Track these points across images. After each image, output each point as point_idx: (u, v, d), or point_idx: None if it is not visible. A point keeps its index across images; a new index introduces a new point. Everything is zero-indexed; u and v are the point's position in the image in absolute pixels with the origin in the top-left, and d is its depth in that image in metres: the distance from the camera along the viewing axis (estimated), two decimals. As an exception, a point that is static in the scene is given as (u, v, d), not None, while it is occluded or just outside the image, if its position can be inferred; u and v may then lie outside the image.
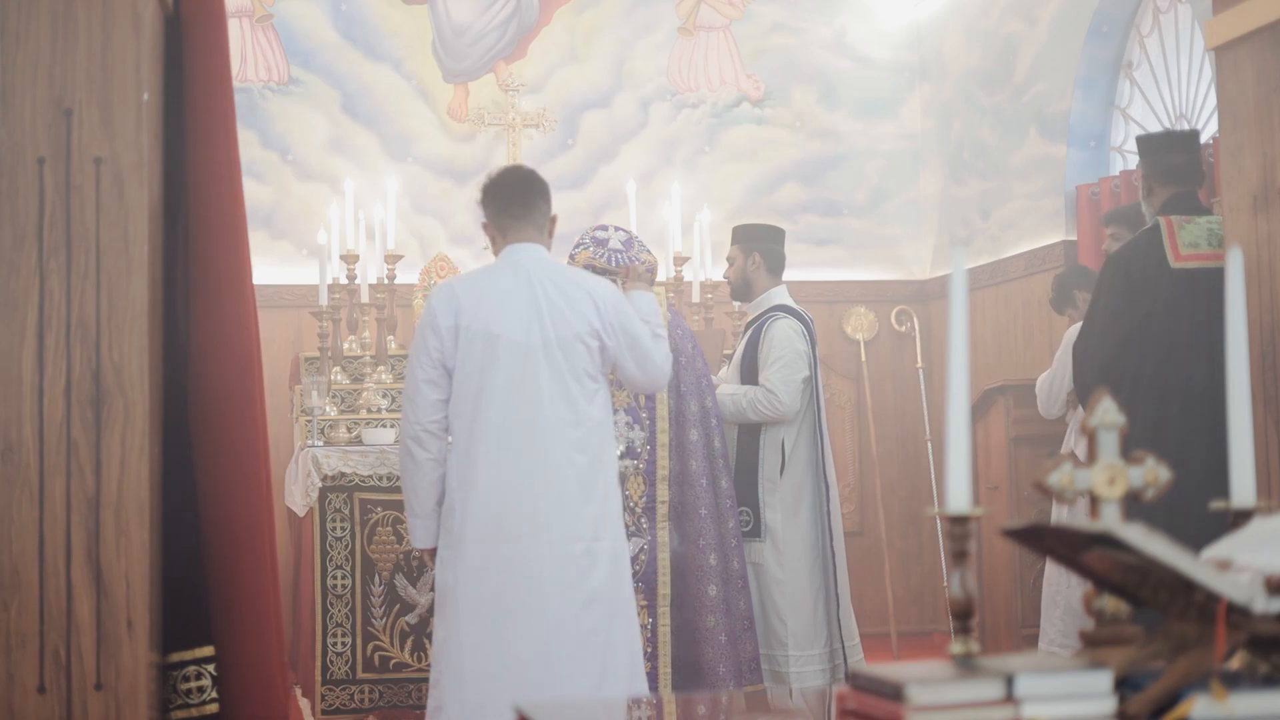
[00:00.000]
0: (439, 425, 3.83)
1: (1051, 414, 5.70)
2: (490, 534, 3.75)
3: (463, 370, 3.79)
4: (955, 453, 1.63)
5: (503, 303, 3.82)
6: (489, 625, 3.73)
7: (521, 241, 3.93)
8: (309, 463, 5.49)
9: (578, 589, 3.77)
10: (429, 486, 3.84)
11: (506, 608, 3.73)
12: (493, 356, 3.78)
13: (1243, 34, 4.12)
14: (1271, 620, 1.57)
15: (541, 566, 3.74)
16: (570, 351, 3.82)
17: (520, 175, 4.03)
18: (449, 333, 3.78)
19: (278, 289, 7.29)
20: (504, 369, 3.78)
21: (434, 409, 3.81)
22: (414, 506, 3.88)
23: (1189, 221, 4.52)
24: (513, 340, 3.78)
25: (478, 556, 3.75)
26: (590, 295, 3.90)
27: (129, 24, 3.19)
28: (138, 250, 3.17)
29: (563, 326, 3.82)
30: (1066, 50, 6.85)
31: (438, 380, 3.80)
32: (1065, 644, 5.37)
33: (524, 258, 3.90)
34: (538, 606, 3.73)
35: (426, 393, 3.80)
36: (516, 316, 3.80)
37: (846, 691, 1.58)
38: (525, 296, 3.82)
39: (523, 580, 3.73)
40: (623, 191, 7.16)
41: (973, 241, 7.65)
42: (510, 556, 3.74)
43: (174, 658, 3.34)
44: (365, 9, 7.74)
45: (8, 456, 3.08)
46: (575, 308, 3.85)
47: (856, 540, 7.54)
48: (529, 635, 3.72)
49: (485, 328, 3.78)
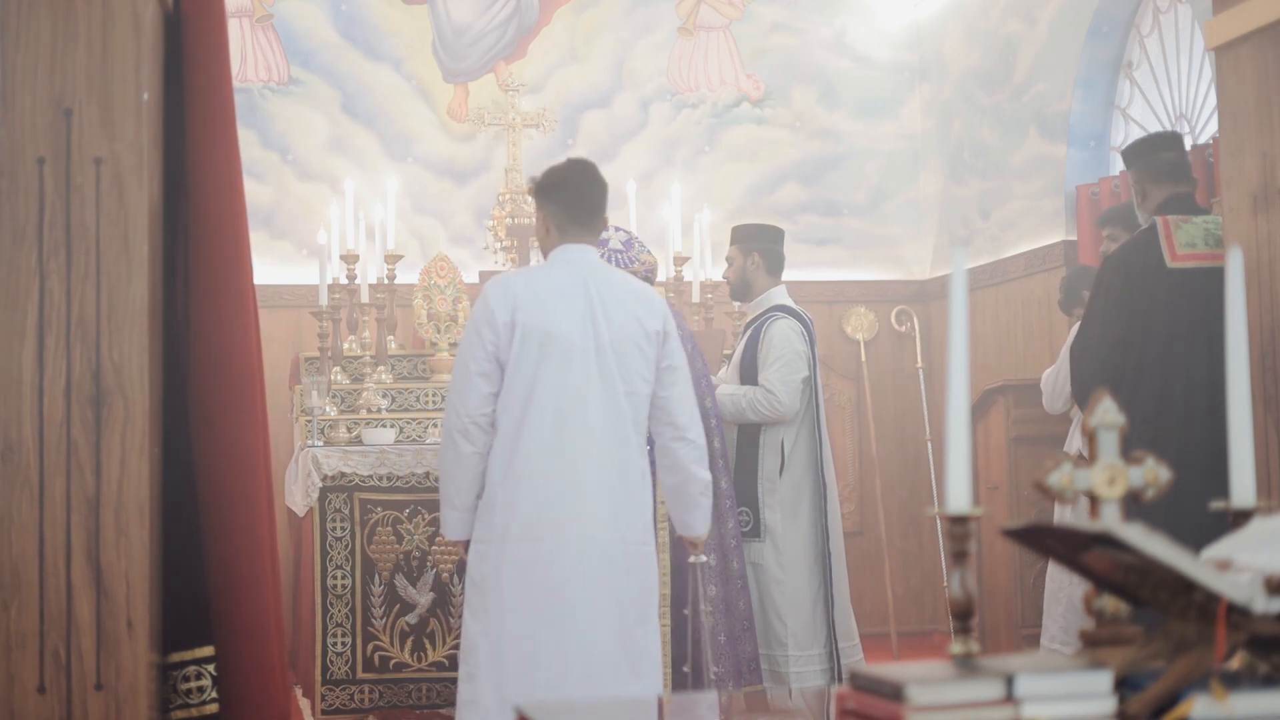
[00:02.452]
0: (487, 419, 3.81)
1: (1056, 409, 5.70)
2: (536, 531, 3.75)
3: (515, 366, 3.78)
4: (955, 453, 1.63)
5: (559, 302, 3.82)
6: (531, 620, 3.73)
7: (576, 243, 3.93)
8: (309, 463, 5.49)
9: (620, 588, 3.78)
10: (471, 480, 3.82)
11: (550, 604, 3.73)
12: (546, 355, 3.78)
13: (1243, 34, 4.12)
14: (1271, 620, 1.57)
15: (586, 564, 3.75)
16: (623, 354, 3.83)
17: (593, 181, 3.97)
18: (505, 328, 3.78)
19: (278, 289, 7.29)
20: (556, 368, 3.77)
21: (484, 402, 3.79)
22: (452, 499, 3.86)
23: (1186, 221, 4.52)
24: (568, 340, 3.78)
25: (522, 552, 3.74)
26: (641, 298, 3.92)
27: (129, 24, 3.19)
28: (138, 250, 3.17)
29: (617, 330, 3.83)
30: (1066, 50, 6.85)
31: (490, 374, 3.79)
32: (1066, 641, 5.37)
33: (578, 258, 3.90)
34: (581, 604, 3.73)
35: (480, 385, 3.79)
36: (572, 317, 3.80)
37: (846, 691, 1.58)
38: (581, 297, 3.83)
39: (567, 578, 3.74)
40: (623, 191, 7.14)
41: (973, 241, 7.65)
42: (555, 554, 3.74)
43: (174, 658, 3.34)
44: (365, 9, 7.74)
45: (8, 456, 3.08)
46: (630, 311, 3.86)
47: (856, 540, 7.54)
48: (571, 632, 3.73)
49: (541, 326, 3.78)
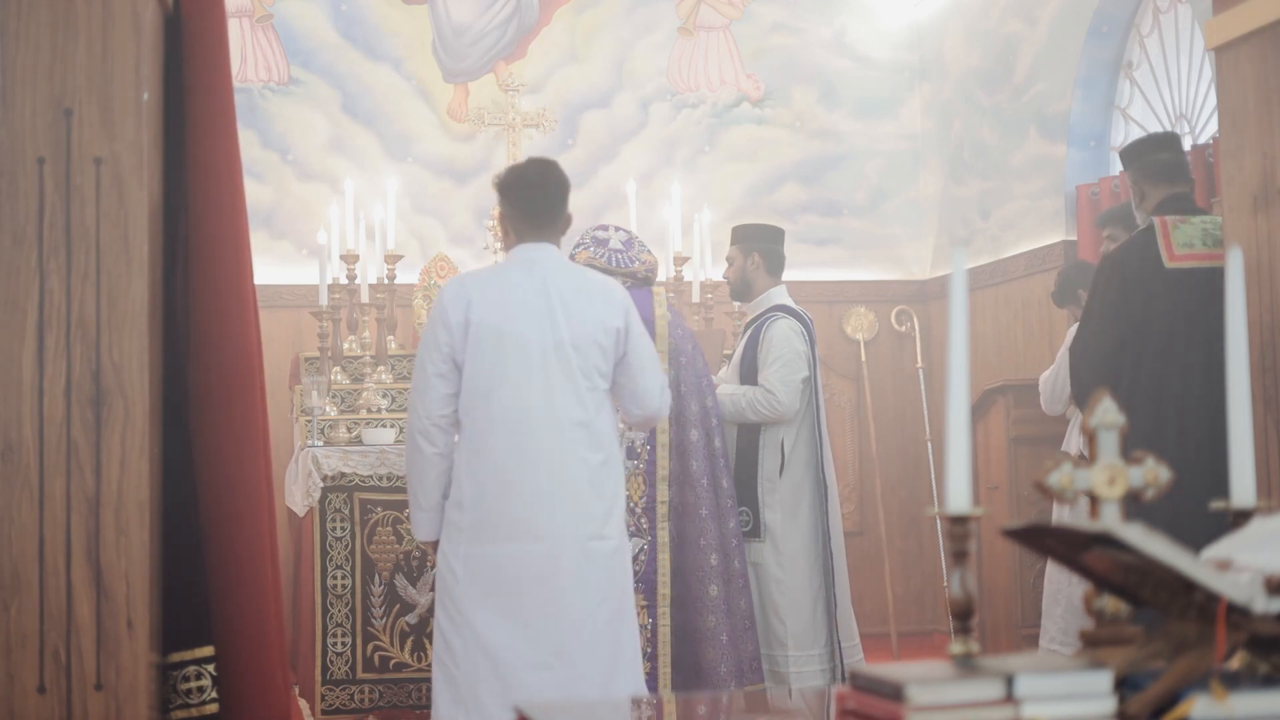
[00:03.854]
0: (448, 420, 3.83)
1: (1055, 411, 5.70)
2: (502, 530, 3.75)
3: (473, 366, 3.79)
4: (955, 453, 1.63)
5: (515, 301, 3.81)
6: (499, 620, 3.72)
7: (536, 241, 3.93)
8: (309, 463, 5.49)
9: (591, 586, 3.77)
10: (435, 480, 3.84)
11: (518, 604, 3.72)
12: (503, 354, 3.78)
13: (1243, 34, 4.12)
14: (1271, 620, 1.57)
15: (555, 563, 3.74)
16: (583, 352, 3.82)
17: (548, 178, 3.98)
18: (459, 328, 3.78)
19: (278, 289, 7.29)
20: (515, 367, 3.78)
21: (443, 403, 3.81)
22: (419, 500, 3.88)
23: (1184, 222, 4.52)
24: (524, 339, 3.78)
25: (489, 552, 3.75)
26: (603, 293, 3.91)
27: (129, 24, 3.19)
28: (138, 250, 3.17)
29: (577, 327, 3.82)
30: (1066, 50, 6.85)
31: (447, 374, 3.80)
32: (1066, 641, 5.37)
33: (537, 256, 3.90)
34: (551, 603, 3.73)
35: (437, 386, 3.80)
36: (529, 315, 3.80)
37: (846, 691, 1.58)
38: (538, 296, 3.82)
39: (535, 577, 3.73)
40: (623, 191, 7.16)
41: (973, 241, 7.65)
42: (521, 553, 3.74)
43: (174, 658, 3.34)
44: (365, 9, 7.74)
45: (8, 456, 3.08)
46: (591, 307, 3.86)
47: (856, 540, 7.54)
48: (542, 632, 3.72)
49: (496, 325, 3.78)
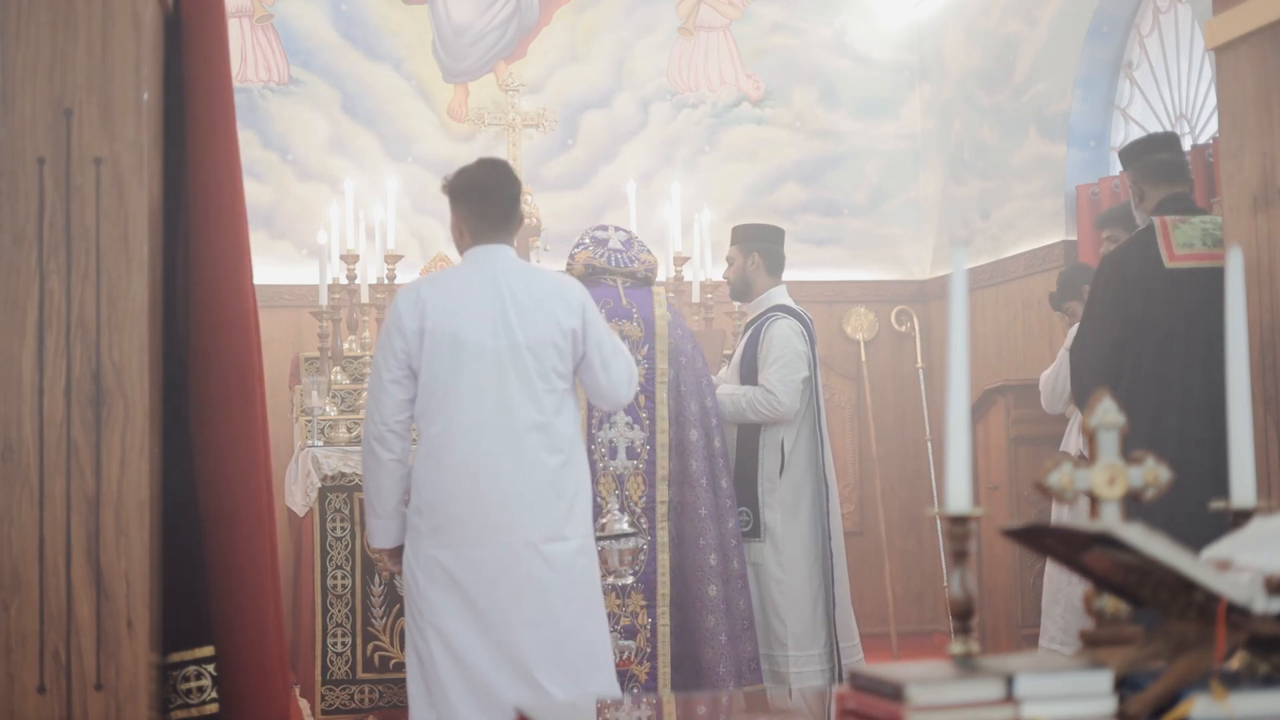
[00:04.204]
0: (403, 425, 3.84)
1: (1055, 410, 5.71)
2: (459, 535, 3.75)
3: (429, 372, 3.79)
4: (955, 453, 1.63)
5: (469, 306, 3.80)
6: (461, 624, 3.73)
7: (489, 244, 3.91)
8: (309, 463, 5.49)
9: (551, 588, 3.76)
10: (392, 486, 3.85)
11: (477, 608, 3.73)
12: (459, 360, 3.77)
13: (1243, 34, 4.12)
14: (1271, 620, 1.57)
15: (511, 566, 3.74)
16: (540, 354, 3.81)
17: (500, 180, 3.94)
18: (414, 335, 3.78)
19: (278, 289, 7.29)
20: (471, 372, 3.77)
21: (399, 409, 3.81)
22: (375, 507, 3.88)
23: (1183, 222, 4.52)
24: (480, 344, 3.77)
25: (445, 557, 3.75)
26: (558, 293, 3.88)
27: (129, 24, 3.19)
28: (138, 250, 3.17)
29: (531, 329, 3.81)
30: (1066, 50, 6.85)
31: (403, 380, 3.80)
32: (1066, 641, 5.37)
33: (491, 259, 3.88)
34: (510, 605, 3.73)
35: (393, 392, 3.80)
36: (483, 320, 3.79)
37: (846, 691, 1.58)
38: (492, 300, 3.81)
39: (491, 580, 3.73)
40: (623, 191, 7.15)
41: (973, 241, 7.65)
42: (479, 558, 3.74)
43: (174, 658, 3.34)
44: (365, 9, 7.74)
45: (8, 456, 3.08)
46: (545, 308, 3.83)
47: (856, 540, 7.54)
48: (502, 634, 3.72)
49: (451, 331, 3.77)
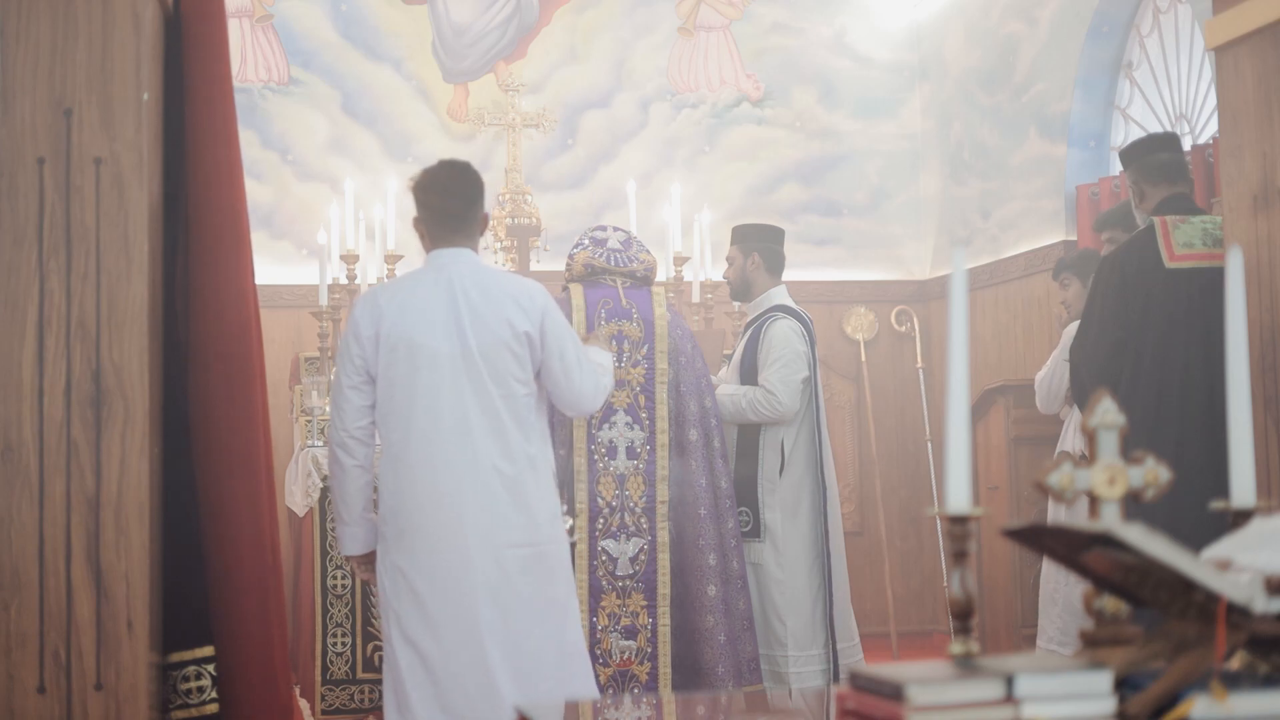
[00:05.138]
0: (365, 432, 3.84)
1: (1051, 410, 5.70)
2: (420, 542, 3.75)
3: (386, 378, 3.78)
4: (955, 453, 1.63)
5: (423, 311, 3.78)
6: (424, 629, 3.73)
7: (449, 247, 3.87)
8: (309, 463, 5.50)
9: (508, 593, 3.75)
10: (357, 493, 3.86)
11: (437, 613, 3.73)
12: (414, 365, 3.76)
13: (1243, 34, 4.12)
14: (1271, 620, 1.57)
15: (467, 572, 3.72)
16: (494, 358, 3.78)
17: (459, 181, 3.89)
18: (370, 341, 3.77)
19: (278, 289, 7.29)
20: (426, 378, 3.76)
21: (359, 415, 3.81)
22: (341, 514, 3.89)
23: (1183, 222, 4.52)
24: (434, 349, 3.75)
25: (405, 562, 3.75)
26: (514, 297, 3.83)
27: (129, 24, 3.19)
28: (138, 250, 3.17)
29: (484, 333, 3.78)
30: (1066, 50, 6.85)
31: (361, 387, 3.80)
32: (1064, 641, 5.37)
33: (448, 262, 3.84)
34: (467, 611, 3.72)
35: (352, 399, 3.80)
36: (437, 325, 3.77)
37: (846, 691, 1.58)
38: (446, 304, 3.78)
39: (448, 586, 3.72)
40: (623, 191, 7.16)
41: (973, 241, 7.65)
42: (436, 564, 3.73)
43: (174, 658, 3.34)
44: (365, 9, 7.74)
45: (8, 456, 3.08)
46: (498, 312, 3.80)
47: (856, 540, 7.54)
48: (461, 640, 3.72)
49: (406, 336, 3.76)
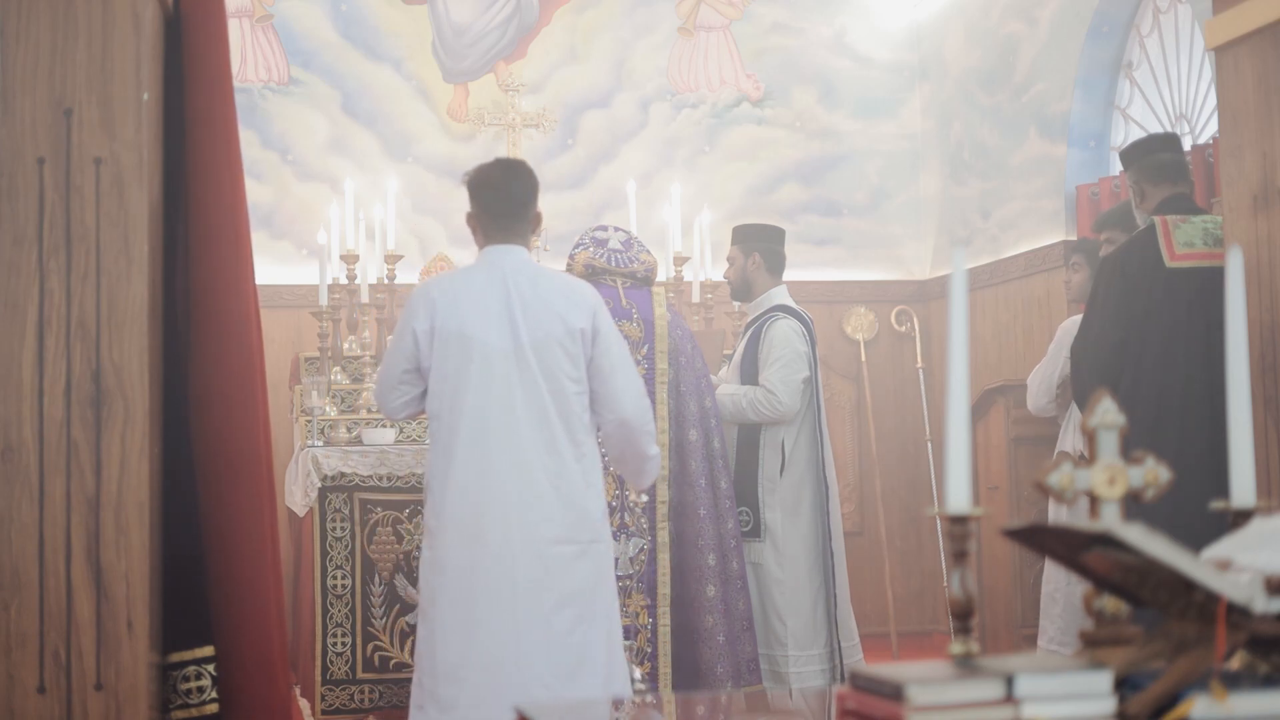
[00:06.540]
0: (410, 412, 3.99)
1: (1039, 404, 5.63)
2: (465, 534, 3.77)
3: (439, 372, 3.83)
4: (955, 453, 1.63)
5: (476, 305, 3.83)
6: (463, 624, 3.75)
7: (503, 243, 3.93)
8: (309, 463, 5.50)
9: (548, 590, 3.76)
10: None
11: (480, 607, 3.74)
12: (466, 359, 3.80)
13: (1243, 34, 4.12)
14: (1271, 620, 1.57)
15: (512, 567, 3.74)
16: (545, 354, 3.82)
17: (515, 178, 3.97)
18: (425, 335, 3.83)
19: (278, 289, 7.29)
20: (477, 371, 3.80)
21: (406, 407, 3.95)
22: None
23: (1184, 221, 4.52)
24: (486, 342, 3.80)
25: (454, 555, 3.78)
26: (566, 295, 3.89)
27: (129, 24, 3.19)
28: (138, 250, 3.17)
29: (536, 329, 3.82)
30: (1066, 50, 6.85)
31: (411, 379, 3.90)
32: (1064, 641, 5.36)
33: (501, 258, 3.90)
34: (508, 607, 3.74)
35: (403, 391, 3.92)
36: (489, 319, 3.81)
37: (846, 691, 1.58)
38: (499, 299, 3.83)
39: (494, 580, 3.74)
40: (623, 191, 7.15)
41: (973, 241, 7.65)
42: (482, 557, 3.75)
43: (174, 658, 3.34)
44: (365, 9, 7.74)
45: (8, 456, 3.08)
46: (551, 308, 3.84)
47: (856, 540, 7.54)
48: (497, 636, 3.73)
49: (459, 330, 3.81)
